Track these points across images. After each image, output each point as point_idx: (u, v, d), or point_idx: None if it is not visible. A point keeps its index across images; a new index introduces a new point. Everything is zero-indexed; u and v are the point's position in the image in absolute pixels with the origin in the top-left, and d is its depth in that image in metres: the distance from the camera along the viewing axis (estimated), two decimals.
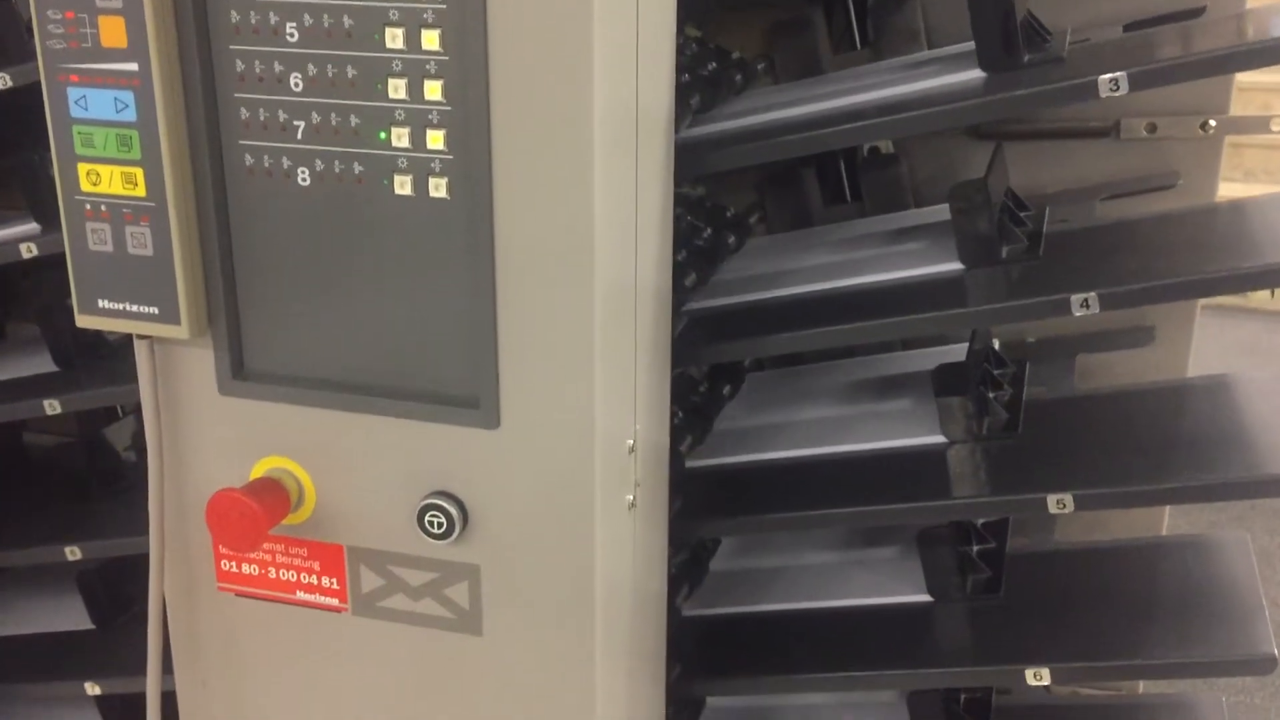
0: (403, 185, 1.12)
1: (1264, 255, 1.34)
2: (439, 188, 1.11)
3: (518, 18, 1.04)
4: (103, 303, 1.20)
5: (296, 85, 1.12)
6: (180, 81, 1.13)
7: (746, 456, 1.59)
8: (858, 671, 1.49)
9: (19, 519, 1.83)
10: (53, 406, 1.66)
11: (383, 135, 1.11)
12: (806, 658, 1.52)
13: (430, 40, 1.07)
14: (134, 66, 1.10)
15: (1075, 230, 1.58)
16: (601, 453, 1.17)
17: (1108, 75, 1.22)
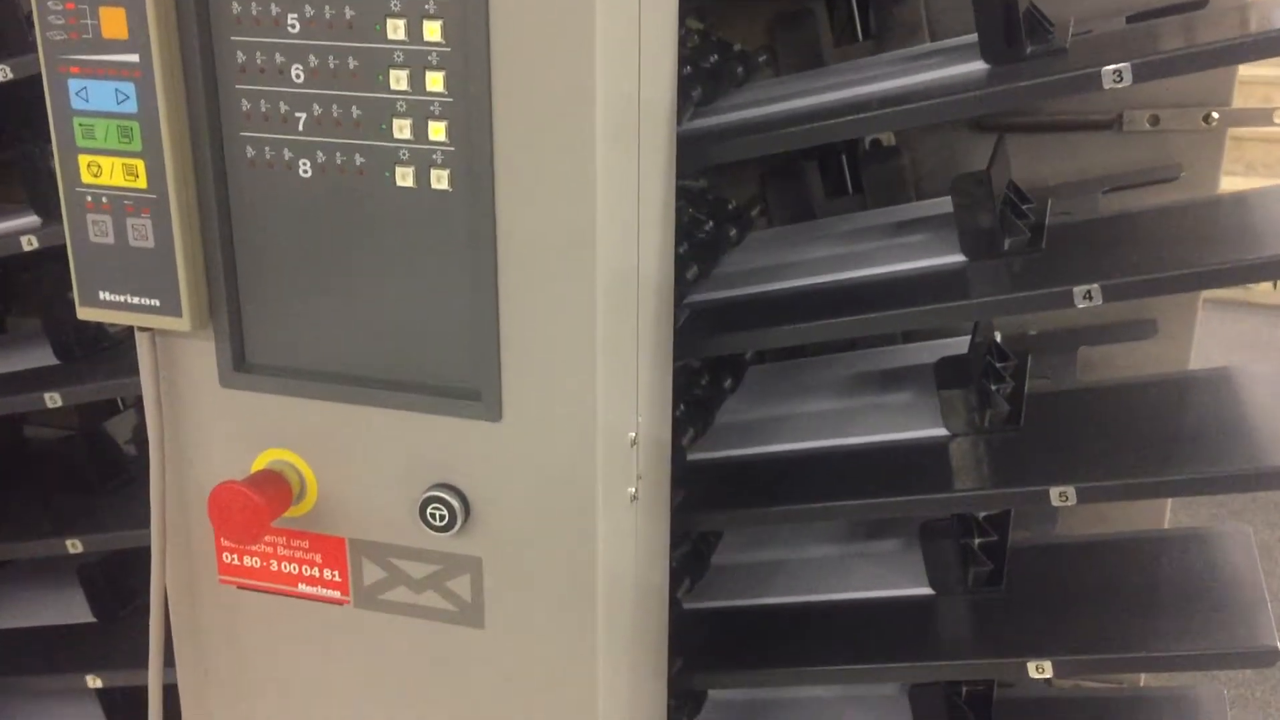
0: (404, 177, 1.12)
1: (1267, 247, 1.33)
2: (441, 179, 1.11)
3: (520, 9, 1.04)
4: (104, 295, 1.20)
5: (298, 76, 1.12)
6: (181, 73, 1.12)
7: (748, 449, 1.59)
8: (859, 664, 1.49)
9: (20, 512, 1.83)
10: (54, 399, 1.66)
11: (384, 127, 1.11)
12: (808, 651, 1.52)
13: (432, 31, 1.07)
14: (135, 58, 1.10)
15: (1077, 223, 1.58)
16: (604, 445, 1.17)
17: (1111, 66, 1.21)
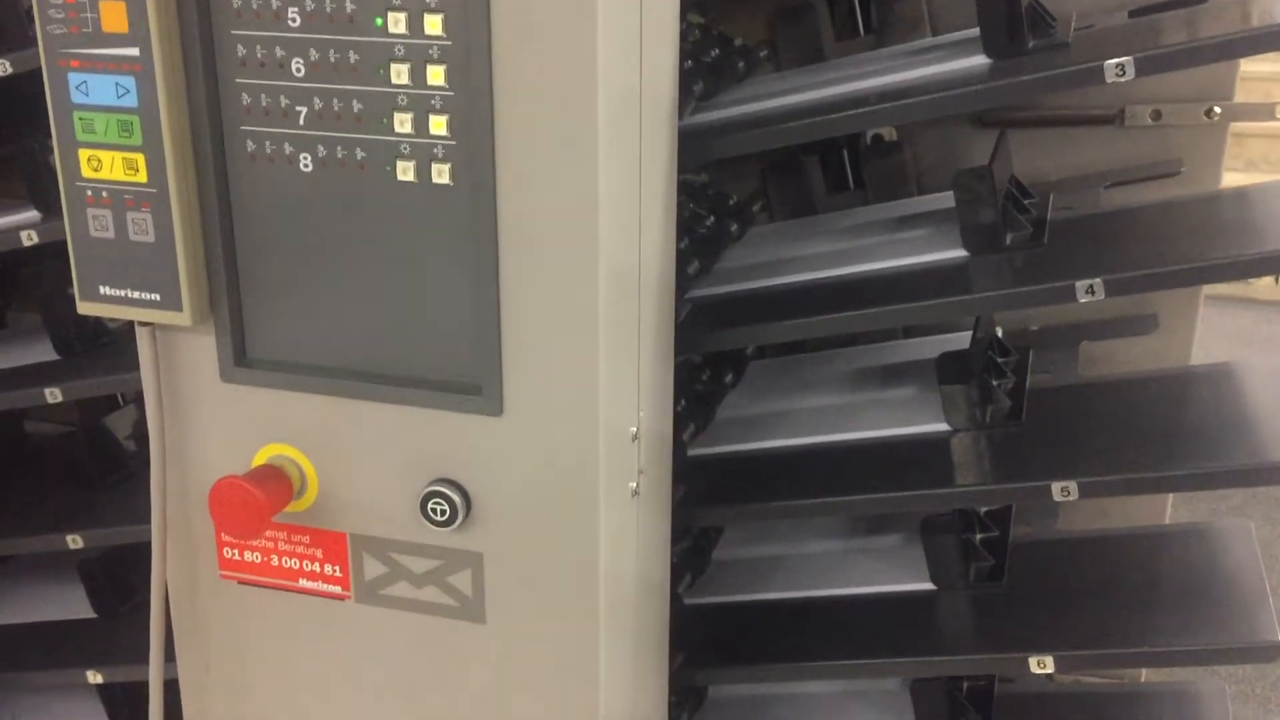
0: (405, 171, 1.11)
1: (1268, 242, 1.33)
2: (442, 173, 1.11)
3: (521, 3, 1.03)
4: (104, 289, 1.19)
5: (298, 70, 1.11)
6: (181, 66, 1.12)
7: (749, 445, 1.59)
8: (861, 660, 1.49)
9: (20, 508, 1.83)
10: (54, 395, 1.66)
11: (385, 121, 1.10)
12: (809, 646, 1.52)
13: (433, 25, 1.06)
14: (135, 51, 1.10)
15: (1079, 218, 1.58)
16: (605, 440, 1.16)
17: (1114, 60, 1.21)
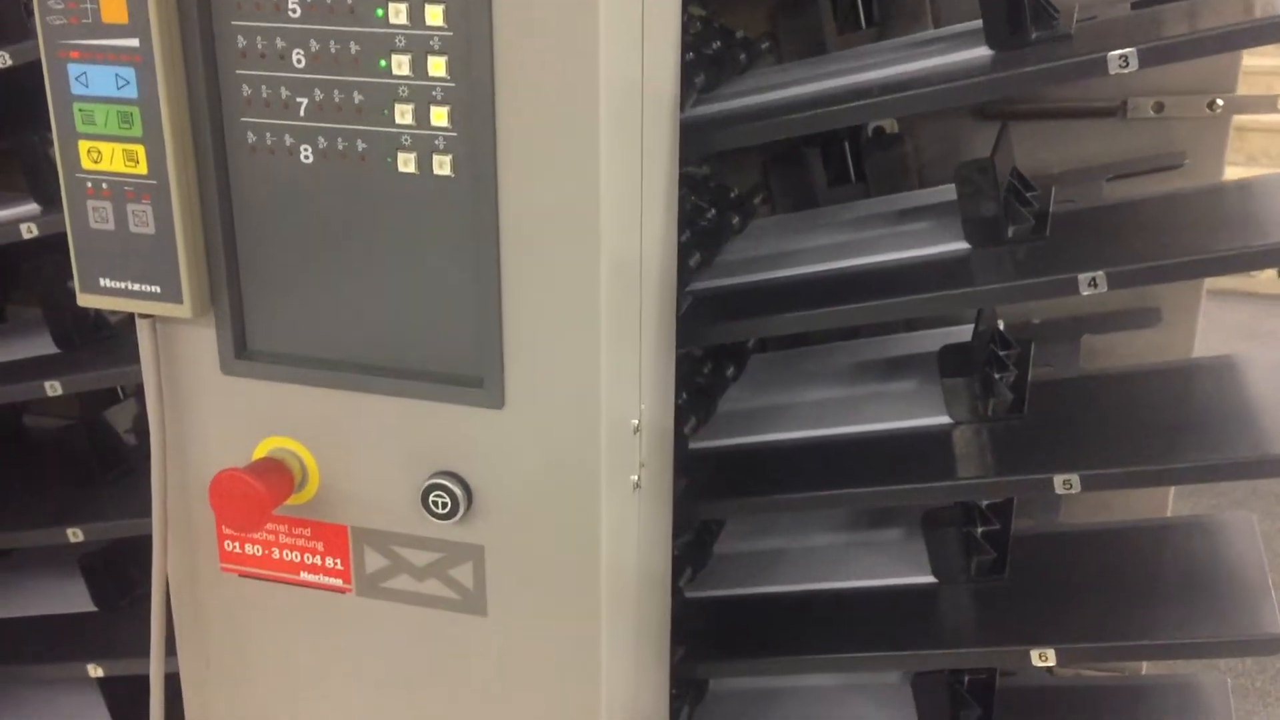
0: (406, 163, 1.11)
1: (1271, 234, 1.33)
2: (443, 165, 1.10)
3: None
4: (104, 282, 1.19)
5: (299, 62, 1.11)
6: (181, 57, 1.12)
7: (751, 438, 1.59)
8: (862, 653, 1.49)
9: (21, 501, 1.83)
10: (54, 388, 1.65)
11: (386, 112, 1.10)
12: (810, 639, 1.52)
13: (434, 15, 1.06)
14: (135, 42, 1.09)
15: (1081, 210, 1.57)
16: (607, 433, 1.16)
17: (1117, 52, 1.21)
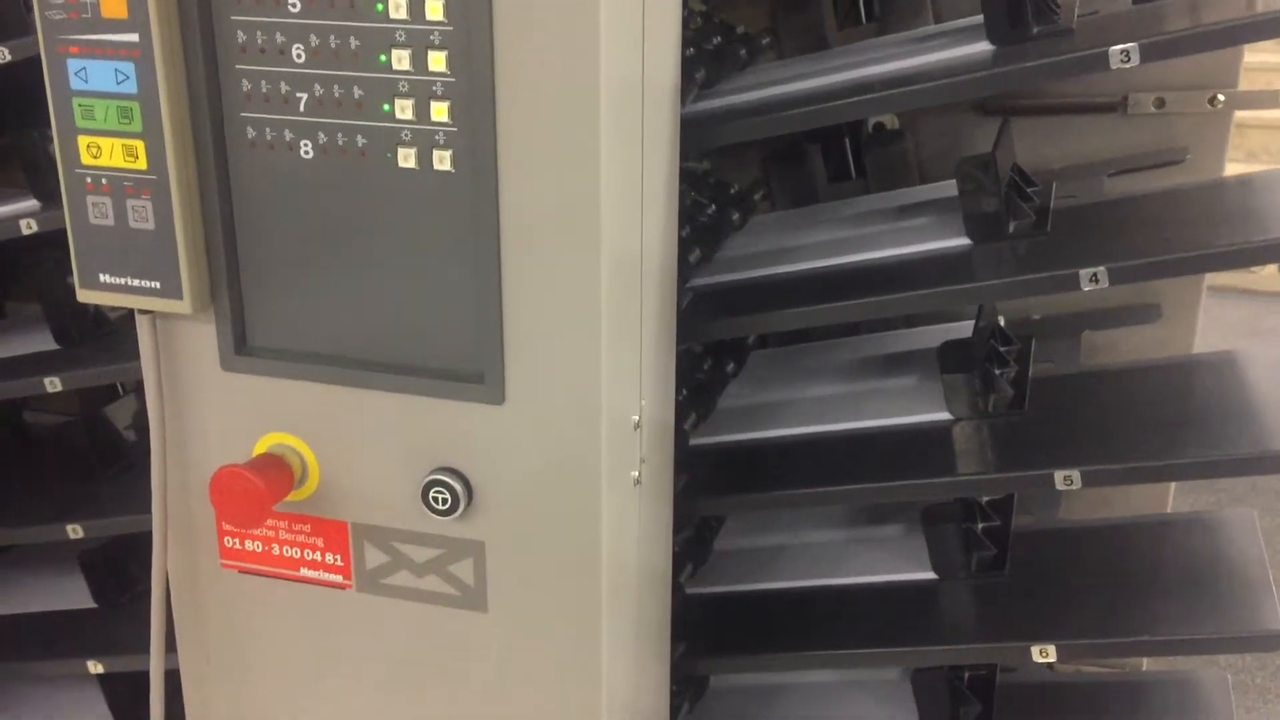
0: (406, 158, 1.11)
1: (1272, 229, 1.33)
2: (443, 160, 1.10)
3: None
4: (104, 277, 1.19)
5: (299, 56, 1.11)
6: (181, 52, 1.12)
7: (751, 434, 1.59)
8: (862, 649, 1.49)
9: (20, 498, 1.83)
10: (53, 384, 1.65)
11: (386, 107, 1.10)
12: (810, 635, 1.52)
13: (434, 10, 1.06)
14: (134, 37, 1.09)
15: (1083, 206, 1.57)
16: (607, 429, 1.16)
17: (1119, 46, 1.21)
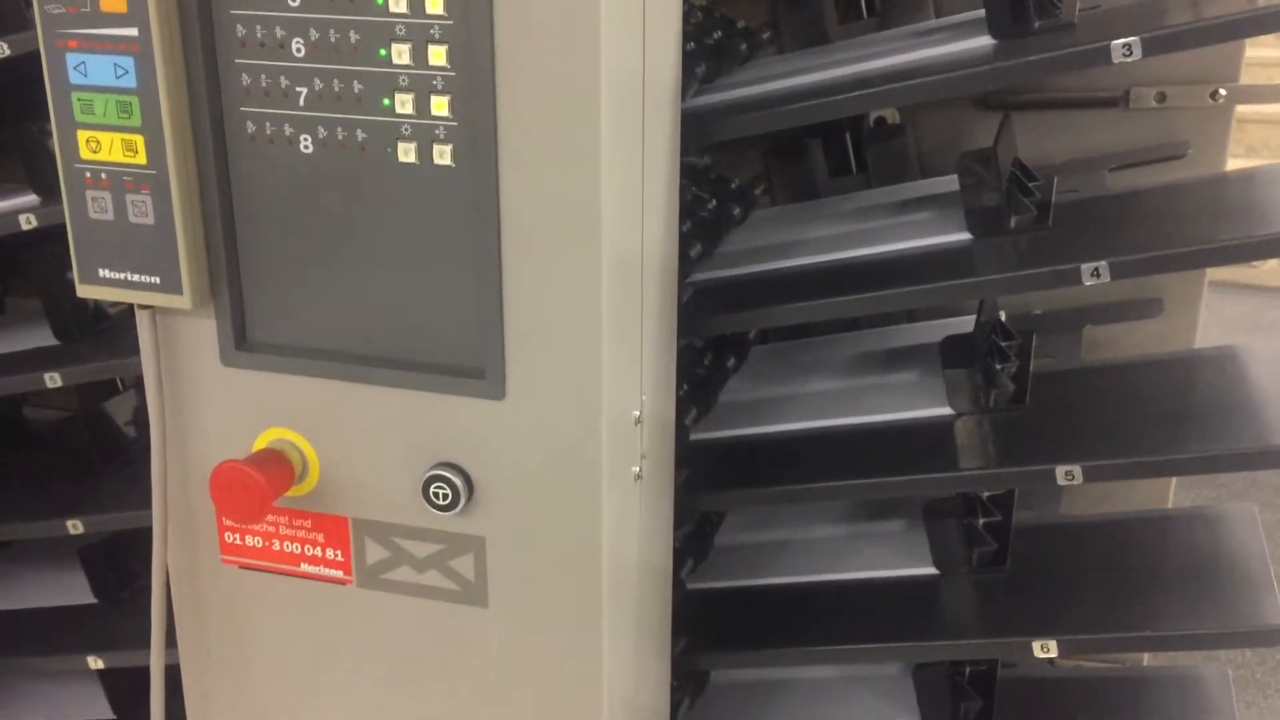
0: (407, 153, 1.11)
1: (1274, 224, 1.32)
2: (443, 155, 1.10)
3: None
4: (104, 272, 1.19)
5: (298, 51, 1.10)
6: (181, 46, 1.11)
7: (752, 429, 1.59)
8: (863, 644, 1.49)
9: (20, 493, 1.83)
10: (53, 379, 1.65)
11: (386, 102, 1.10)
12: (811, 631, 1.52)
13: (434, 4, 1.05)
14: (134, 31, 1.09)
15: (1084, 200, 1.57)
16: (608, 424, 1.16)
17: (1121, 40, 1.20)
